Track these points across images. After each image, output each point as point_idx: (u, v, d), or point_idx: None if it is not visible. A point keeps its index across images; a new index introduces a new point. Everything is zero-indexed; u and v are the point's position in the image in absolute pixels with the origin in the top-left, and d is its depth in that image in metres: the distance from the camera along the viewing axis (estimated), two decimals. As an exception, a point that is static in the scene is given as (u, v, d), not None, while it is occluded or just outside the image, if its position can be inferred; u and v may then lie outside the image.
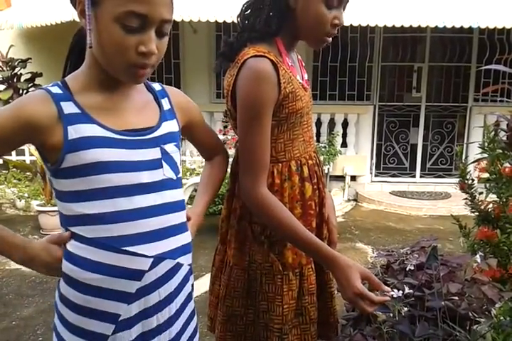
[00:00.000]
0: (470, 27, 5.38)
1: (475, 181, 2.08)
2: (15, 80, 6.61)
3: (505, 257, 1.85)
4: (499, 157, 1.97)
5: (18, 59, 6.61)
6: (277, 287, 1.44)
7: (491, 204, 2.00)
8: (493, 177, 1.96)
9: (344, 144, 6.97)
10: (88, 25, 1.01)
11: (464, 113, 7.04)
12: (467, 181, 2.08)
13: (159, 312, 1.16)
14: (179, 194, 1.21)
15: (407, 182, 7.11)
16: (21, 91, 6.59)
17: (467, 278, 1.63)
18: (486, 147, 1.97)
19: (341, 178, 6.82)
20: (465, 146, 6.13)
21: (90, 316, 1.11)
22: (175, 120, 1.23)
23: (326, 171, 6.44)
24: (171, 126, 1.21)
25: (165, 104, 1.23)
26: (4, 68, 6.60)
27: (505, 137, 2.02)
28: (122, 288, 1.10)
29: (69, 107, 1.06)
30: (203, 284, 1.68)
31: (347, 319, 1.64)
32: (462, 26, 5.32)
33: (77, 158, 1.05)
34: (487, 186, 1.99)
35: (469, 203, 2.07)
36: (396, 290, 1.38)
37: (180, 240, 1.19)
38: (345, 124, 6.94)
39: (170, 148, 1.18)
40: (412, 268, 1.58)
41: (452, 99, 7.08)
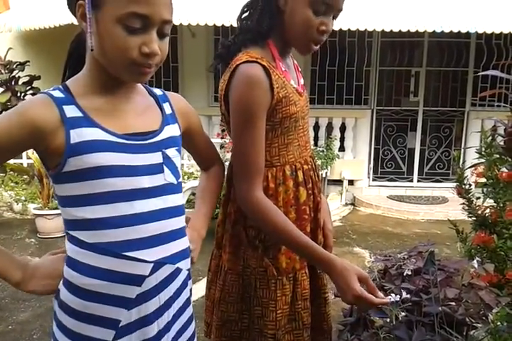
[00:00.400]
0: (467, 32, 5.39)
1: (472, 186, 2.08)
2: (13, 83, 6.60)
3: (502, 262, 1.85)
4: (496, 162, 1.97)
5: (17, 62, 6.60)
6: (271, 292, 1.44)
7: (488, 209, 2.00)
8: (490, 182, 1.96)
9: (342, 148, 6.97)
10: (89, 28, 1.02)
11: (462, 117, 7.06)
12: (464, 186, 2.08)
13: (159, 317, 1.15)
14: (179, 198, 1.20)
15: (405, 186, 7.12)
16: (19, 94, 6.59)
17: (464, 284, 1.63)
18: (483, 152, 1.97)
19: (339, 182, 6.82)
20: (462, 151, 6.14)
21: (90, 322, 1.10)
22: (176, 124, 1.23)
23: (324, 175, 6.44)
24: (173, 131, 1.21)
25: (167, 109, 1.23)
26: (2, 71, 6.58)
27: (502, 142, 2.02)
28: (122, 294, 1.09)
29: (71, 111, 1.06)
30: (201, 289, 1.68)
31: (344, 324, 1.64)
32: (460, 31, 5.33)
33: (79, 162, 1.04)
34: (484, 191, 1.99)
35: (466, 208, 2.07)
36: (393, 295, 1.39)
37: (179, 245, 1.19)
38: (342, 128, 6.94)
39: (171, 153, 1.17)
40: (410, 273, 1.58)
41: (450, 104, 7.10)
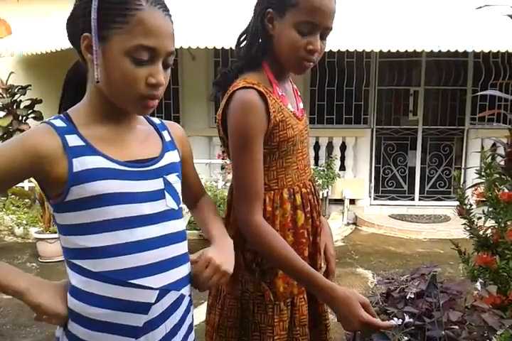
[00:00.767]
0: (465, 51, 5.42)
1: (473, 206, 2.08)
2: (14, 107, 6.67)
3: (504, 283, 1.84)
4: (496, 182, 1.97)
5: (18, 86, 6.67)
6: (268, 317, 1.43)
7: (490, 229, 1.99)
8: (490, 202, 1.96)
9: (342, 167, 6.97)
10: (96, 60, 1.03)
11: (461, 135, 7.08)
12: (465, 206, 2.07)
13: None
14: (181, 224, 1.20)
15: (406, 205, 7.09)
16: (21, 117, 6.65)
17: (467, 306, 1.62)
18: (483, 172, 1.98)
19: (340, 202, 6.81)
20: (463, 171, 6.14)
21: None
22: (176, 151, 1.24)
23: (325, 195, 6.43)
24: (173, 157, 1.22)
25: (166, 136, 1.24)
26: (4, 95, 6.65)
27: (502, 162, 2.03)
28: (129, 322, 1.08)
29: (73, 140, 1.06)
30: (202, 313, 1.66)
31: (347, 349, 1.62)
32: (457, 50, 5.37)
33: (82, 191, 1.04)
34: (485, 211, 1.99)
35: (468, 229, 2.06)
36: (395, 319, 1.37)
37: (182, 271, 1.18)
38: (343, 148, 6.96)
39: (172, 179, 1.18)
40: (412, 296, 1.57)
41: (449, 122, 7.12)
